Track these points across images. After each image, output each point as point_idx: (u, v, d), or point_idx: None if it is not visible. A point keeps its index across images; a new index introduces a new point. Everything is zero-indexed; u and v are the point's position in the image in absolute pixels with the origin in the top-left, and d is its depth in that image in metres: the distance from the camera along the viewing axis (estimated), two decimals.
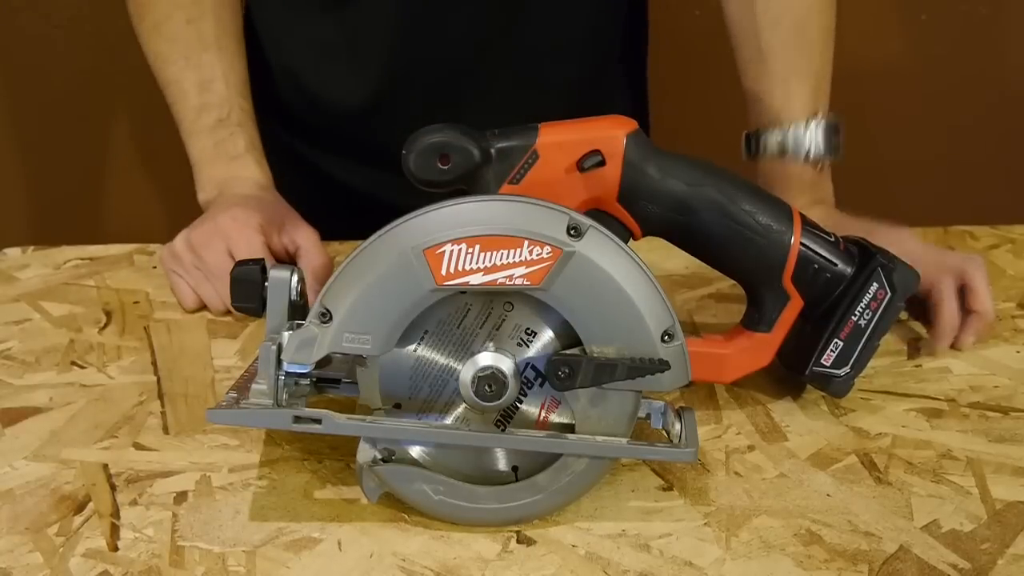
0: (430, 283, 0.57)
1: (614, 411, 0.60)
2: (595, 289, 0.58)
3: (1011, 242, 0.95)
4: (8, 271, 0.93)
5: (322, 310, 0.58)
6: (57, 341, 0.82)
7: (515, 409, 0.61)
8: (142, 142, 1.57)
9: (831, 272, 0.67)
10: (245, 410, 0.60)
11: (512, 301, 0.60)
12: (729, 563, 0.58)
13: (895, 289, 0.67)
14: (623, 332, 0.59)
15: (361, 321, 0.58)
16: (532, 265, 0.57)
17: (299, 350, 0.58)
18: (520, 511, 0.61)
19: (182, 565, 0.59)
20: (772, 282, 0.66)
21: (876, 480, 0.65)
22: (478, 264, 0.57)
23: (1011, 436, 0.69)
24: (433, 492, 0.61)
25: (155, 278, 0.91)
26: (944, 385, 0.74)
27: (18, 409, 0.73)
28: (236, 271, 0.62)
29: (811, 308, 0.67)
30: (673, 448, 0.62)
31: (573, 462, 0.61)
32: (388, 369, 0.60)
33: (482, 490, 0.61)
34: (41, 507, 0.63)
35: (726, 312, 0.84)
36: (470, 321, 0.60)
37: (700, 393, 0.73)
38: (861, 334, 0.68)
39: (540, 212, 0.58)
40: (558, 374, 0.59)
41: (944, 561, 0.58)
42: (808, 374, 0.69)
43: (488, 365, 0.60)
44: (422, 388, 0.61)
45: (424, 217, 0.57)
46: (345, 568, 0.58)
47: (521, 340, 0.60)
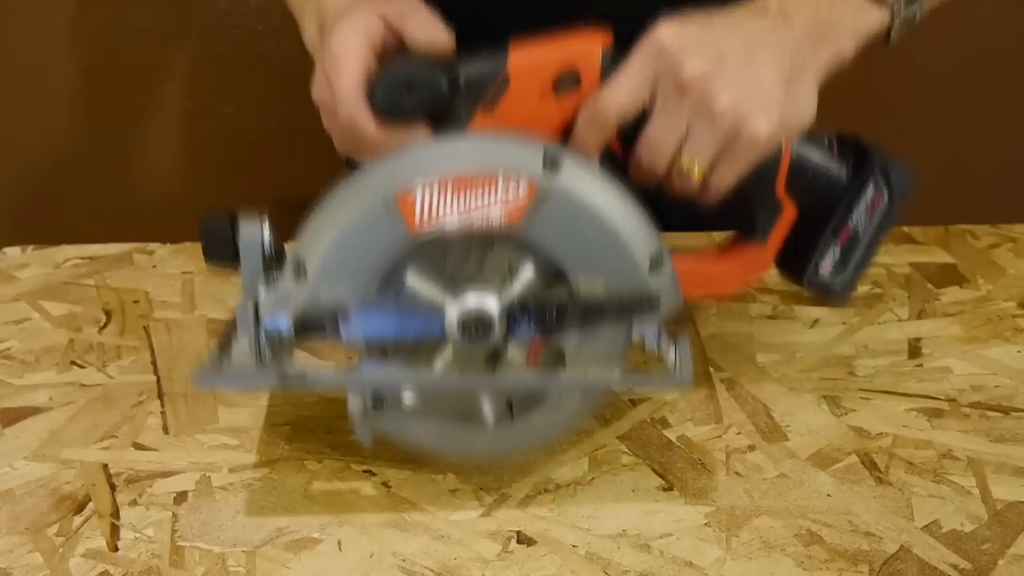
0: (404, 232, 0.55)
1: (605, 345, 0.59)
2: (576, 223, 0.56)
3: (1012, 241, 0.95)
4: (8, 271, 0.93)
5: (296, 264, 0.56)
6: (57, 341, 0.81)
7: (503, 349, 0.59)
8: (142, 142, 1.57)
9: (826, 178, 0.64)
10: (229, 372, 0.58)
11: (492, 240, 0.57)
12: (729, 563, 0.58)
13: (893, 192, 0.65)
14: (609, 264, 0.57)
15: (336, 273, 0.56)
16: (509, 204, 0.55)
17: (277, 306, 0.57)
18: (516, 447, 0.60)
19: (182, 565, 0.59)
20: (764, 192, 0.64)
21: (877, 480, 0.65)
22: (453, 207, 0.55)
23: (1012, 436, 0.69)
24: (427, 433, 0.60)
25: (155, 278, 0.91)
26: (945, 385, 0.74)
27: (18, 409, 0.73)
28: (205, 225, 0.59)
29: (807, 215, 0.65)
30: (666, 376, 0.60)
31: (567, 397, 0.60)
32: (371, 316, 0.59)
33: (477, 429, 0.60)
34: (41, 507, 0.63)
35: (726, 311, 0.84)
36: (452, 262, 0.58)
37: (700, 393, 0.73)
38: (859, 240, 0.65)
39: (513, 147, 0.56)
40: (545, 318, 0.57)
41: (945, 561, 0.58)
42: (806, 283, 0.66)
43: (473, 306, 0.58)
44: (407, 332, 0.59)
45: (392, 162, 0.56)
46: (345, 568, 0.58)
47: (505, 278, 0.58)
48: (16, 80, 1.54)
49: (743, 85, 0.58)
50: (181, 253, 0.95)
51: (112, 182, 1.59)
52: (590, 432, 0.69)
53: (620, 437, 0.69)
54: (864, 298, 0.86)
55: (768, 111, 0.58)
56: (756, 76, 0.59)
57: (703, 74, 0.57)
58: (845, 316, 0.83)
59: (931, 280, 0.89)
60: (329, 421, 0.71)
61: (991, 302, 0.85)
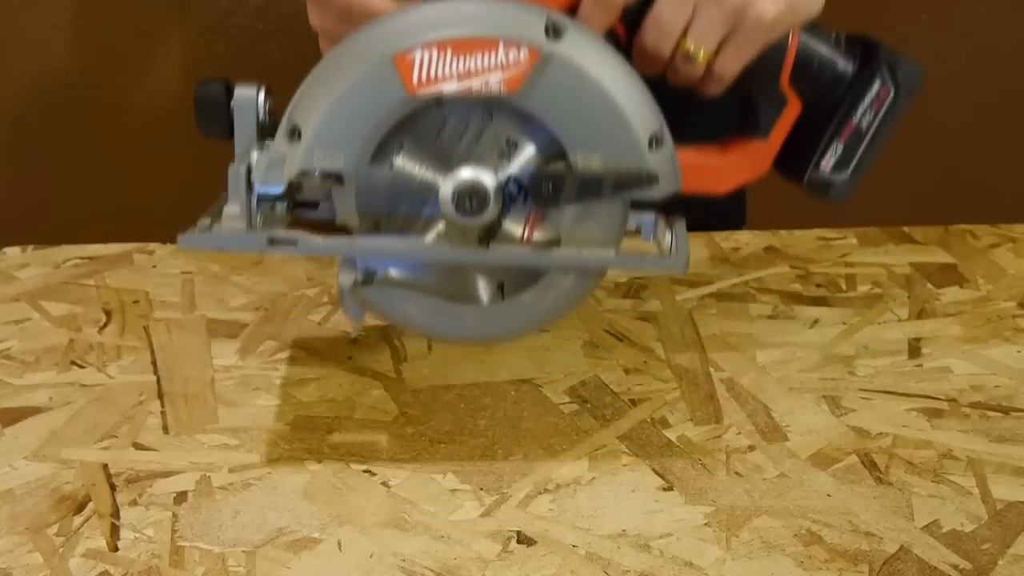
0: (402, 93, 0.54)
1: (601, 225, 0.58)
2: (577, 93, 0.55)
3: (1012, 241, 0.95)
4: (8, 270, 0.93)
5: (291, 126, 0.55)
6: (57, 341, 0.81)
7: (498, 226, 0.58)
8: (142, 142, 1.57)
9: (831, 71, 0.63)
10: (217, 234, 0.57)
11: (491, 110, 0.56)
12: (730, 563, 0.58)
13: (899, 87, 0.63)
14: (608, 139, 0.56)
15: (332, 136, 0.55)
16: (509, 69, 0.54)
17: (269, 170, 0.56)
18: (507, 329, 0.60)
19: (182, 565, 0.58)
20: (769, 85, 0.62)
21: (877, 480, 0.65)
22: (452, 70, 0.54)
23: (1012, 436, 0.69)
24: (417, 312, 0.59)
25: (155, 277, 0.91)
26: (945, 385, 0.74)
27: (18, 409, 0.73)
28: (198, 91, 0.58)
29: (810, 111, 0.64)
30: (662, 259, 0.59)
31: (560, 279, 0.59)
32: (365, 188, 0.57)
33: (468, 309, 0.59)
34: (41, 507, 0.63)
35: (726, 311, 0.84)
36: (448, 134, 0.57)
37: (700, 393, 0.73)
38: (863, 136, 0.64)
39: (516, 11, 0.54)
40: (541, 190, 0.56)
41: (945, 561, 0.58)
42: (806, 180, 0.65)
43: (468, 179, 0.57)
44: (401, 206, 0.58)
45: (392, 21, 0.54)
46: (345, 568, 0.58)
47: (502, 152, 0.57)
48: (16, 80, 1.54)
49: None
50: (181, 253, 0.95)
51: (112, 182, 1.59)
52: (590, 432, 0.69)
53: (620, 437, 0.69)
54: (864, 298, 0.86)
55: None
56: None
57: None
58: (845, 316, 0.83)
59: (931, 280, 0.89)
60: (329, 421, 0.71)
61: (991, 302, 0.85)
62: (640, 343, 0.80)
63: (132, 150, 1.58)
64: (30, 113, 1.56)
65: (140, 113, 1.51)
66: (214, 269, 0.92)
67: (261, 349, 0.80)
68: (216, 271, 0.92)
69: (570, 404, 0.72)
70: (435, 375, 0.75)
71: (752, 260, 0.93)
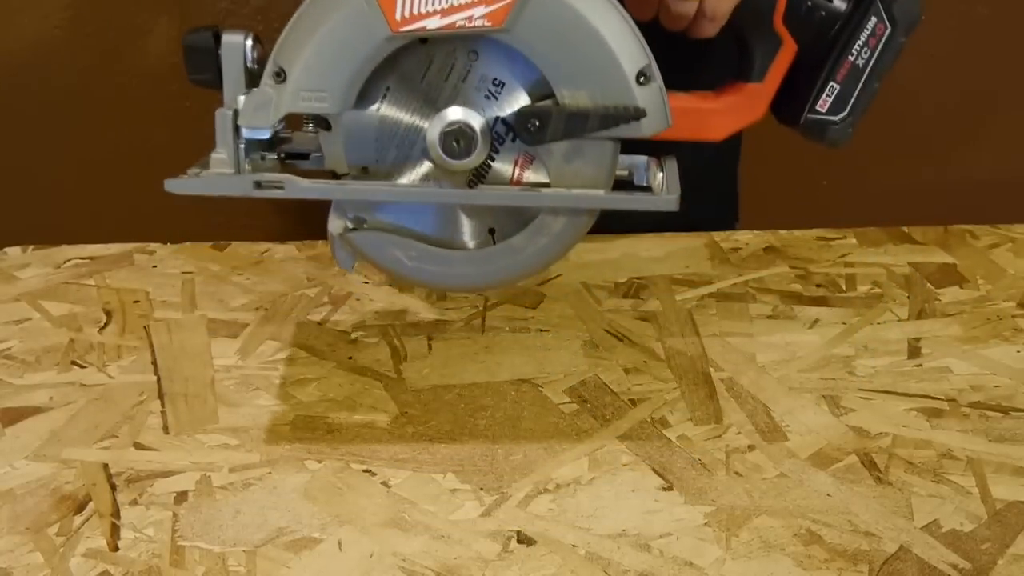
0: (385, 30, 0.54)
1: (590, 164, 0.57)
2: (563, 27, 0.54)
3: (1011, 241, 0.95)
4: (8, 271, 0.93)
5: (276, 69, 0.55)
6: (57, 341, 0.81)
7: (487, 168, 0.58)
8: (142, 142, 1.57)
9: (825, 9, 0.62)
10: (204, 178, 0.57)
11: (476, 49, 0.56)
12: (729, 563, 0.58)
13: (896, 22, 0.62)
14: (595, 74, 0.55)
15: (316, 77, 0.55)
16: (492, 3, 0.53)
17: (256, 112, 0.55)
18: (497, 275, 0.59)
19: (182, 565, 0.59)
20: (762, 25, 0.61)
21: (876, 480, 0.65)
22: (434, 5, 0.53)
23: (1011, 436, 0.69)
24: (407, 258, 0.59)
25: (155, 277, 0.91)
26: (944, 385, 0.74)
27: (18, 409, 0.73)
28: (187, 39, 0.57)
29: (805, 52, 0.63)
30: (653, 196, 0.59)
31: (550, 221, 0.58)
32: (352, 132, 0.57)
33: (458, 255, 0.59)
34: (41, 507, 0.63)
35: (726, 311, 0.84)
36: (433, 74, 0.57)
37: (700, 393, 0.73)
38: (859, 74, 0.63)
39: None
40: (528, 127, 0.56)
41: (944, 561, 0.58)
42: (803, 122, 0.64)
43: (455, 120, 0.56)
44: (389, 150, 0.58)
45: None
46: (345, 568, 0.58)
47: (489, 92, 0.57)
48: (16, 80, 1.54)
49: None
50: (181, 253, 0.95)
51: (112, 182, 1.59)
52: (590, 432, 0.69)
53: (620, 437, 0.69)
54: (864, 298, 0.86)
55: None
56: None
57: None
58: (845, 316, 0.83)
59: (931, 280, 0.89)
60: (329, 421, 0.71)
61: (991, 302, 0.85)
62: (640, 343, 0.80)
63: (132, 150, 1.58)
64: (30, 113, 1.56)
65: (140, 113, 1.51)
66: (214, 269, 0.92)
67: (261, 349, 0.80)
68: (216, 271, 0.92)
69: (570, 404, 0.72)
70: (435, 375, 0.75)
71: (752, 260, 0.93)
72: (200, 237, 0.97)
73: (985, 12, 1.51)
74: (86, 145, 1.57)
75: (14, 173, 1.59)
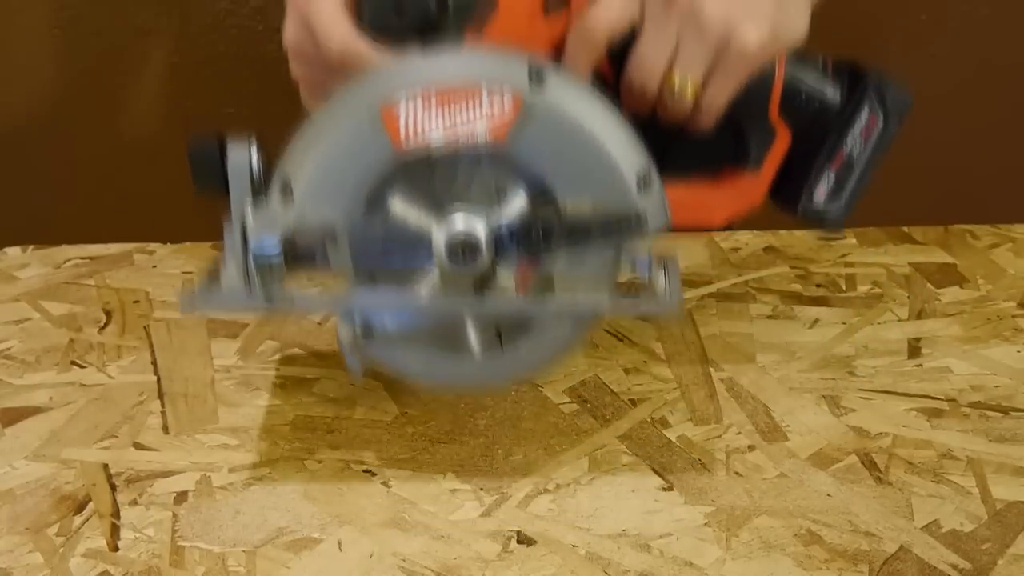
0: (389, 148, 0.55)
1: (594, 269, 0.58)
2: (563, 139, 0.55)
3: (1011, 241, 0.95)
4: (8, 270, 0.93)
5: (282, 184, 0.56)
6: (57, 341, 0.81)
7: (492, 274, 0.59)
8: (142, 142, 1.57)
9: (819, 101, 0.63)
10: (216, 296, 0.57)
11: (479, 159, 0.57)
12: (729, 563, 0.58)
13: (889, 113, 0.64)
14: (596, 182, 0.56)
15: (323, 193, 0.56)
16: (494, 118, 0.54)
17: (263, 229, 0.56)
18: (505, 377, 0.61)
19: (182, 565, 0.59)
20: (758, 117, 0.63)
21: (876, 480, 0.65)
22: (438, 122, 0.54)
23: (1012, 436, 0.69)
24: (416, 363, 0.60)
25: (155, 277, 0.91)
26: (944, 385, 0.74)
27: (18, 409, 0.73)
28: (193, 149, 0.58)
29: (801, 141, 0.64)
30: (656, 301, 0.60)
31: (555, 325, 0.59)
32: (358, 241, 0.58)
33: (466, 358, 0.60)
34: (41, 507, 0.63)
35: (726, 311, 0.84)
36: (437, 184, 0.57)
37: (700, 393, 0.73)
38: (855, 164, 0.64)
39: (498, 60, 0.55)
40: (532, 237, 0.57)
41: (944, 561, 0.58)
42: (800, 210, 0.65)
43: (460, 229, 0.57)
44: (395, 258, 0.59)
45: (378, 76, 0.55)
46: (345, 568, 0.58)
47: (493, 200, 0.58)
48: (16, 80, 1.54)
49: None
50: (181, 253, 0.96)
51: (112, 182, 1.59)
52: (590, 432, 0.69)
53: (620, 437, 0.69)
54: (864, 298, 0.86)
55: (757, 20, 0.57)
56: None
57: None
58: (845, 316, 0.83)
59: (931, 280, 0.89)
60: (329, 421, 0.71)
61: (991, 302, 0.85)
62: (640, 343, 0.80)
63: (132, 150, 1.58)
64: (30, 113, 1.56)
65: (140, 113, 1.51)
66: None
67: (261, 349, 0.80)
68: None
69: (570, 404, 0.72)
70: None
71: (752, 260, 0.93)
72: (200, 237, 0.97)
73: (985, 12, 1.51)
74: (86, 145, 1.57)
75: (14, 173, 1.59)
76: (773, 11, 0.58)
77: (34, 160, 1.60)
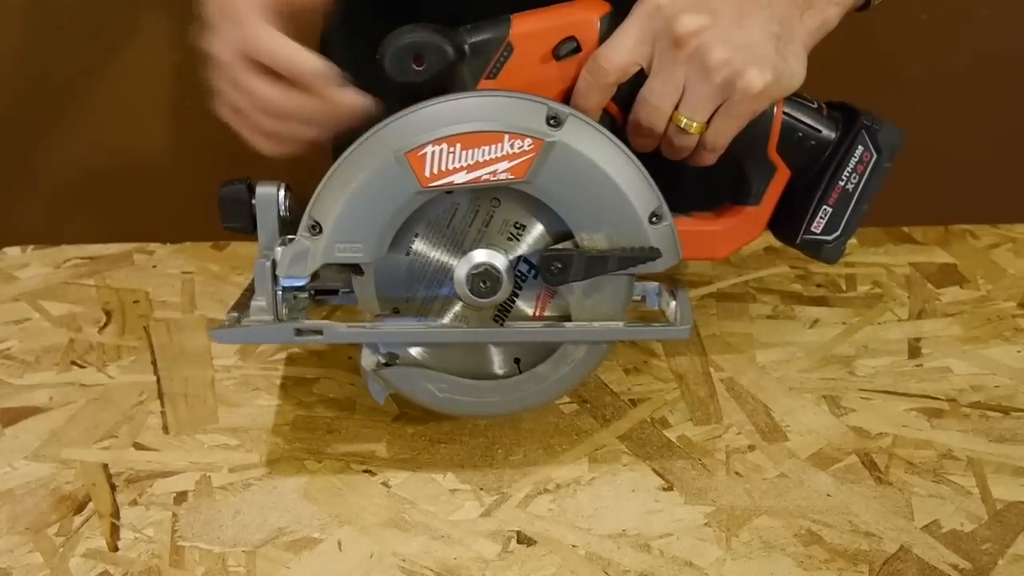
0: (415, 186, 0.58)
1: (608, 298, 0.62)
2: (579, 176, 0.59)
3: (1012, 241, 0.95)
4: (8, 270, 0.93)
5: (312, 222, 0.59)
6: (57, 341, 0.81)
7: (511, 303, 0.63)
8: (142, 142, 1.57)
9: (815, 139, 0.66)
10: (247, 328, 0.60)
11: (499, 196, 0.60)
12: (729, 563, 0.58)
13: (880, 150, 0.67)
14: (610, 217, 0.59)
15: (351, 230, 0.59)
16: (514, 159, 0.58)
17: (293, 264, 0.59)
18: (524, 402, 0.64)
19: (182, 565, 0.58)
20: (757, 154, 0.66)
21: (876, 480, 0.65)
22: (461, 162, 0.57)
23: (1012, 436, 0.69)
24: (438, 390, 0.63)
25: (155, 277, 0.91)
26: (944, 385, 0.74)
27: (18, 409, 0.73)
28: (223, 191, 0.61)
29: (798, 176, 0.67)
30: (668, 327, 0.64)
31: (573, 350, 0.63)
32: (383, 274, 0.61)
33: (486, 384, 0.63)
34: (41, 507, 0.63)
35: (726, 311, 0.84)
36: (459, 219, 0.61)
37: (700, 393, 0.73)
38: (849, 198, 0.67)
39: (518, 104, 0.58)
40: (550, 269, 0.60)
41: (945, 561, 0.58)
42: (799, 242, 0.68)
43: (481, 262, 0.61)
44: (418, 290, 0.62)
45: (403, 120, 0.58)
46: (345, 568, 0.58)
47: (511, 235, 0.61)
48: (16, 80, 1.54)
49: (736, 41, 0.60)
50: (181, 253, 0.95)
51: (112, 182, 1.59)
52: (590, 432, 0.69)
53: (620, 437, 0.69)
54: (864, 298, 0.86)
55: (761, 65, 0.60)
56: (748, 34, 0.60)
57: (698, 28, 0.59)
58: (845, 316, 0.83)
59: (931, 280, 0.89)
60: (329, 421, 0.71)
61: (991, 302, 0.85)
62: (640, 343, 0.80)
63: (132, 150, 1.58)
64: (31, 113, 1.56)
65: (140, 113, 1.51)
66: (214, 269, 0.92)
67: (261, 349, 0.80)
68: (216, 271, 0.92)
69: (570, 404, 0.72)
70: None
71: (752, 260, 0.93)
72: (200, 237, 0.97)
73: (986, 12, 1.51)
74: (86, 145, 1.57)
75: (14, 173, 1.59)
76: (775, 57, 0.61)
77: (34, 160, 1.60)
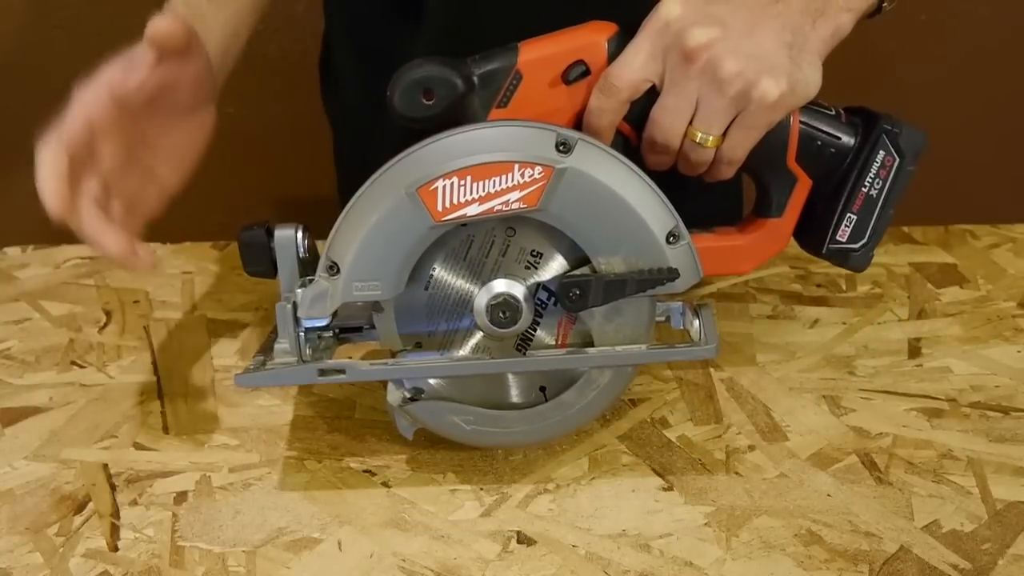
0: (428, 221, 0.58)
1: (631, 321, 0.62)
2: (592, 201, 0.58)
3: (1012, 241, 0.95)
4: (8, 270, 0.93)
5: (329, 263, 0.59)
6: (57, 341, 0.81)
7: (533, 332, 0.62)
8: None
9: (835, 146, 0.64)
10: (271, 370, 0.60)
11: (513, 226, 0.60)
12: (729, 563, 0.58)
13: (903, 154, 0.65)
14: (627, 240, 0.59)
15: (367, 268, 0.59)
16: (526, 187, 0.57)
17: (313, 305, 0.59)
18: (551, 431, 0.63)
19: (182, 565, 0.59)
20: (776, 165, 0.64)
21: (877, 480, 0.65)
22: (473, 195, 0.57)
23: (1012, 436, 0.69)
24: (464, 423, 0.62)
25: (155, 277, 0.91)
26: (945, 385, 0.74)
27: (18, 409, 0.73)
28: (243, 236, 0.62)
29: (820, 185, 0.65)
30: (694, 347, 0.63)
31: (597, 376, 0.62)
32: (404, 310, 0.62)
33: (512, 414, 0.63)
34: (41, 507, 0.63)
35: (726, 311, 0.84)
36: (476, 251, 0.61)
37: (700, 393, 0.73)
38: (874, 204, 0.65)
39: (526, 133, 0.58)
40: (569, 296, 0.59)
41: (945, 561, 0.58)
42: (826, 252, 0.67)
43: (500, 292, 0.61)
44: (439, 324, 0.62)
45: (413, 156, 0.58)
46: (345, 568, 0.58)
47: (529, 263, 0.61)
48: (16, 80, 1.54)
49: (748, 51, 0.59)
50: (181, 253, 0.95)
51: None
52: (590, 432, 0.69)
53: (620, 437, 0.69)
54: (864, 298, 0.86)
55: (775, 74, 0.59)
56: (759, 44, 0.59)
57: (708, 41, 0.58)
58: (845, 316, 0.83)
59: (931, 280, 0.89)
60: (329, 421, 0.71)
61: (991, 302, 0.85)
62: None
63: None
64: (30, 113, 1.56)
65: None
66: (214, 269, 0.92)
67: None
68: (216, 271, 0.92)
69: None
70: None
71: None
72: (200, 237, 0.97)
73: (986, 12, 1.51)
74: None
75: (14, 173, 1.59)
76: (789, 66, 0.60)
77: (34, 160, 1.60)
